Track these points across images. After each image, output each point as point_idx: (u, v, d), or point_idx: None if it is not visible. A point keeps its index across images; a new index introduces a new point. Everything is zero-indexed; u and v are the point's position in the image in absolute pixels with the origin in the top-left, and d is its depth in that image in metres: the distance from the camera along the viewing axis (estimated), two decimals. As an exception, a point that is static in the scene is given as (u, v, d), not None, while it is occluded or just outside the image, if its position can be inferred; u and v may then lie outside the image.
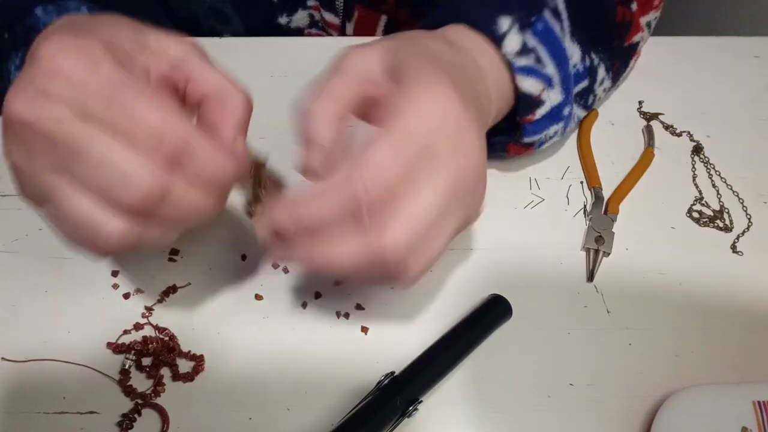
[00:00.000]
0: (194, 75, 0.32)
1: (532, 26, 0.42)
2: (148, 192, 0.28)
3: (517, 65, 0.42)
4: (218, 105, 0.32)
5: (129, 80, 0.28)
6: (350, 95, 0.35)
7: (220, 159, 0.30)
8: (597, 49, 0.48)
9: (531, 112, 0.44)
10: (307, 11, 0.61)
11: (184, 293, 0.44)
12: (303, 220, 0.31)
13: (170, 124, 0.28)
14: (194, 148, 0.29)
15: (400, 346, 0.42)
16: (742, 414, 0.37)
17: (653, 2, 0.52)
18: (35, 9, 0.38)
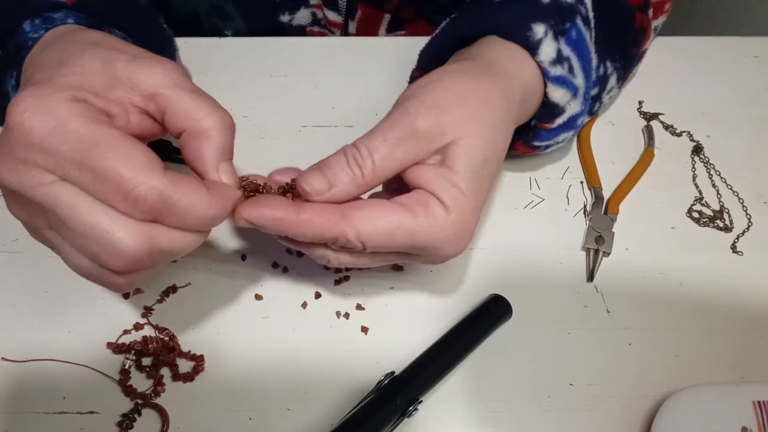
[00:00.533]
0: (167, 108, 0.32)
1: (567, 34, 0.41)
2: (134, 257, 0.29)
3: (551, 74, 0.40)
4: (194, 138, 0.32)
5: (97, 137, 0.28)
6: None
7: (199, 206, 0.30)
8: (614, 57, 0.47)
9: (551, 120, 0.43)
10: (310, 9, 0.61)
11: (184, 293, 0.44)
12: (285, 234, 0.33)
13: (142, 181, 0.28)
14: (171, 201, 0.29)
15: (400, 346, 0.42)
16: (742, 414, 0.37)
17: (664, 7, 0.52)
18: (23, 24, 0.37)
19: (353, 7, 0.61)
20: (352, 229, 0.33)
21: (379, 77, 0.55)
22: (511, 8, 0.41)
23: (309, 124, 0.52)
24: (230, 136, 0.33)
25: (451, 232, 0.34)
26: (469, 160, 0.35)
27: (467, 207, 0.35)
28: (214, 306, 0.43)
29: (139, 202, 0.28)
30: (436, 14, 0.62)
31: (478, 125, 0.35)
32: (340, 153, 0.34)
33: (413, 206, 0.34)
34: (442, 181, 0.34)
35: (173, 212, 0.29)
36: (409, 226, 0.33)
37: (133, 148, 0.28)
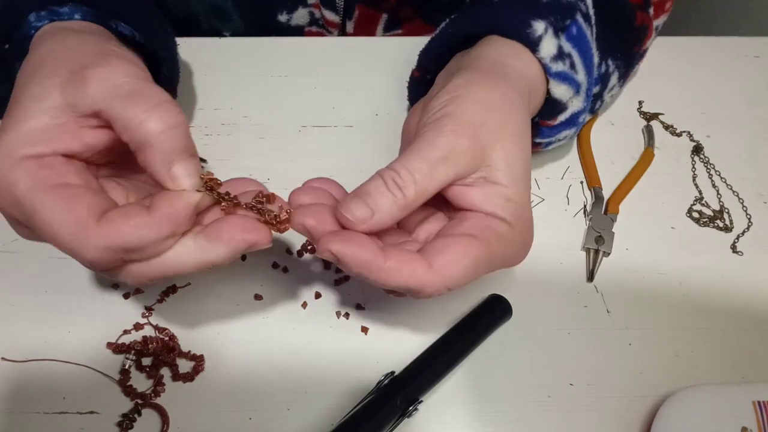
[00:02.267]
0: (110, 122, 0.31)
1: (567, 30, 0.41)
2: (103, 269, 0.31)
3: (553, 71, 0.40)
4: (139, 150, 0.31)
5: (35, 205, 0.29)
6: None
7: (149, 233, 0.29)
8: (615, 55, 0.47)
9: (553, 117, 0.43)
10: (308, 9, 0.61)
11: (184, 293, 0.44)
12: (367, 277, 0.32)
13: (82, 246, 0.29)
14: (119, 245, 0.29)
15: (400, 346, 0.42)
16: (742, 414, 0.37)
17: (665, 6, 0.52)
18: (29, 15, 0.37)
19: (351, 7, 0.61)
20: (440, 279, 0.32)
21: (379, 77, 0.55)
22: (511, 7, 0.41)
23: (309, 124, 0.52)
24: (178, 135, 0.31)
25: (520, 244, 0.35)
26: (513, 171, 0.35)
27: (525, 215, 0.35)
28: (214, 306, 0.43)
29: (91, 264, 0.30)
30: (433, 13, 0.62)
31: (510, 134, 0.35)
32: (377, 178, 0.33)
33: (482, 233, 0.33)
34: (497, 199, 0.34)
35: (130, 253, 0.30)
36: (487, 257, 0.33)
37: (65, 211, 0.29)
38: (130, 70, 0.32)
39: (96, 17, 0.39)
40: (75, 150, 0.32)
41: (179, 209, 0.30)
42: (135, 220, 0.30)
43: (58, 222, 0.29)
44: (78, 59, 0.32)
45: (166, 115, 0.31)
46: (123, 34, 0.41)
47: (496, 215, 0.34)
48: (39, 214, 0.29)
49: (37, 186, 0.30)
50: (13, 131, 0.31)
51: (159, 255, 0.31)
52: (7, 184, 0.30)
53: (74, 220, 0.29)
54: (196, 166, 0.31)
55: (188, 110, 0.52)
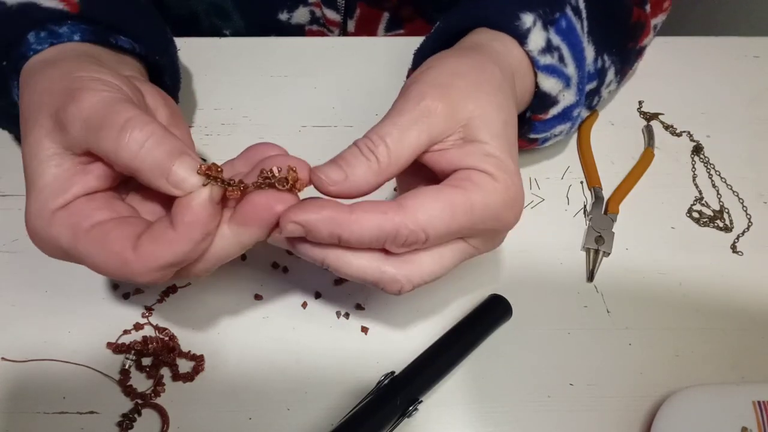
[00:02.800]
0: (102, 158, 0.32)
1: (556, 23, 0.41)
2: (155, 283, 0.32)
3: (541, 63, 0.40)
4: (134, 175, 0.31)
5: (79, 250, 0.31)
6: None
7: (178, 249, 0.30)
8: (611, 51, 0.47)
9: (544, 111, 0.43)
10: (308, 8, 0.61)
11: (184, 293, 0.44)
12: (340, 236, 0.31)
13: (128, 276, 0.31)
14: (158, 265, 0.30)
15: (400, 346, 0.42)
16: (742, 414, 0.37)
17: (663, 5, 0.52)
18: (28, 34, 0.37)
19: (352, 6, 0.61)
20: (412, 218, 0.31)
21: (379, 77, 0.55)
22: (500, 0, 0.41)
23: (309, 124, 0.52)
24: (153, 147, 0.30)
25: (506, 195, 0.33)
26: (491, 128, 0.34)
27: (509, 169, 0.34)
28: (214, 306, 0.43)
29: (149, 283, 0.32)
30: (435, 13, 0.62)
31: (484, 94, 0.35)
32: (352, 145, 0.33)
33: (460, 183, 0.33)
34: (475, 154, 0.33)
35: (176, 265, 0.31)
36: (465, 201, 0.32)
37: (102, 252, 0.31)
38: (94, 99, 0.31)
39: (95, 35, 0.38)
40: (92, 186, 0.32)
41: (196, 213, 0.30)
42: (163, 239, 0.30)
43: (102, 263, 0.31)
44: (53, 103, 0.32)
45: (134, 135, 0.30)
46: (124, 48, 0.40)
47: (476, 167, 0.33)
48: (85, 260, 0.31)
49: (75, 235, 0.31)
50: (33, 193, 0.32)
51: (205, 250, 0.31)
52: (52, 240, 0.32)
53: (113, 257, 0.30)
54: (190, 163, 0.30)
55: (188, 110, 0.52)
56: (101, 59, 0.37)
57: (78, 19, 0.38)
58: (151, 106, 0.37)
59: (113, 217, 0.32)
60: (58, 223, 0.31)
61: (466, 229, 0.33)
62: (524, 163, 0.51)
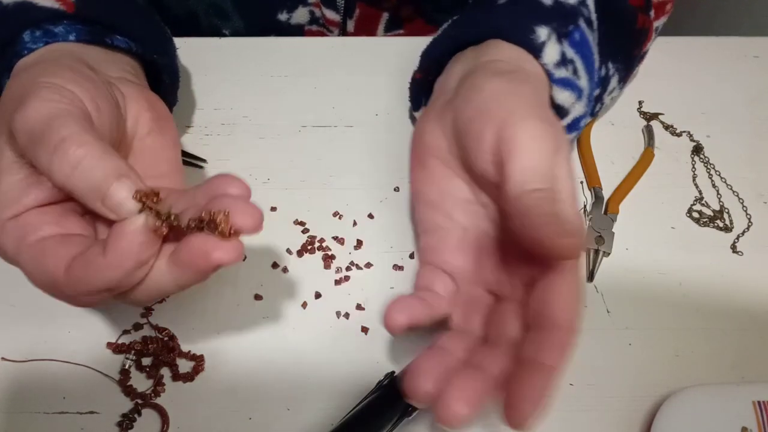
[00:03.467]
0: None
1: (570, 36, 0.41)
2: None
3: (556, 77, 0.40)
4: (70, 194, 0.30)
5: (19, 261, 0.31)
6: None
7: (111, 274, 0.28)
8: (616, 58, 0.47)
9: None
10: (308, 8, 0.61)
11: (184, 293, 0.43)
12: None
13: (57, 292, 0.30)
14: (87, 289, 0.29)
15: (400, 346, 0.42)
16: (742, 414, 0.37)
17: (665, 7, 0.51)
18: (23, 34, 0.37)
19: (351, 6, 0.61)
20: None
21: (379, 77, 0.55)
22: (514, 11, 0.41)
23: (309, 124, 0.52)
24: (86, 171, 0.28)
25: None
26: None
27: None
28: (214, 306, 0.43)
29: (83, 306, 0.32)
30: (435, 13, 0.62)
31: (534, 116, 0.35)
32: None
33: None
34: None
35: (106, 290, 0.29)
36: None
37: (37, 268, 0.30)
38: (39, 109, 0.29)
39: (90, 35, 0.38)
40: (44, 198, 0.31)
41: (129, 241, 0.28)
42: (94, 265, 0.28)
43: (36, 278, 0.31)
44: (9, 108, 0.31)
45: (68, 155, 0.28)
46: (120, 47, 0.40)
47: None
48: (24, 272, 0.31)
49: (17, 247, 0.31)
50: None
51: (141, 281, 0.30)
52: (1, 247, 0.31)
53: (46, 276, 0.30)
54: (127, 187, 0.28)
55: (188, 110, 0.52)
56: (90, 60, 0.36)
57: (74, 19, 0.38)
58: (132, 111, 0.36)
59: (58, 233, 0.31)
60: (5, 233, 0.31)
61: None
62: (524, 163, 0.51)
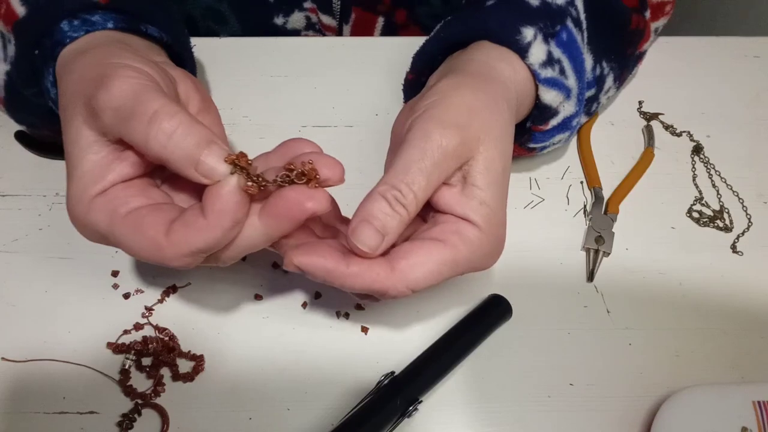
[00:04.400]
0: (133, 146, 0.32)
1: (557, 36, 0.41)
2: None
3: (542, 77, 0.40)
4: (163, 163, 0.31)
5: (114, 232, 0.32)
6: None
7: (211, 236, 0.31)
8: (609, 57, 0.47)
9: (544, 122, 0.43)
10: (304, 13, 0.61)
11: (184, 293, 0.44)
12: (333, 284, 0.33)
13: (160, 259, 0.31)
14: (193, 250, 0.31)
15: (400, 346, 0.42)
16: (742, 414, 0.37)
17: (665, 9, 0.52)
18: (61, 23, 0.38)
19: (347, 11, 0.61)
20: (402, 282, 0.33)
21: (378, 77, 0.55)
22: (501, 12, 0.41)
23: (309, 124, 0.52)
24: (180, 138, 0.31)
25: (489, 248, 0.35)
26: (491, 175, 0.35)
27: (497, 220, 0.35)
28: (214, 306, 0.43)
29: (182, 268, 0.32)
30: (428, 19, 0.62)
31: (492, 138, 0.36)
32: (379, 198, 0.33)
33: (449, 238, 0.34)
34: (470, 201, 0.35)
35: (207, 251, 0.31)
36: (451, 259, 0.34)
37: (137, 236, 0.31)
38: (124, 87, 0.31)
39: (126, 23, 0.39)
40: (127, 173, 0.33)
41: (225, 201, 0.30)
42: (194, 227, 0.31)
43: (137, 248, 0.32)
44: (86, 91, 0.33)
45: (163, 125, 0.31)
46: (152, 36, 0.41)
47: (467, 217, 0.34)
48: (122, 245, 0.32)
49: (112, 221, 0.32)
50: (73, 180, 0.33)
51: (233, 240, 0.32)
52: (91, 225, 0.33)
53: (148, 242, 0.31)
54: (218, 152, 0.31)
55: (188, 110, 0.52)
56: (133, 46, 0.38)
57: (107, 10, 0.39)
58: (182, 92, 0.38)
59: (148, 204, 0.33)
60: (96, 209, 0.32)
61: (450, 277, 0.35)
62: (524, 162, 0.51)
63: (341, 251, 0.33)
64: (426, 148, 0.34)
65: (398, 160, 0.34)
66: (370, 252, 0.33)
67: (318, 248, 0.33)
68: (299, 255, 0.33)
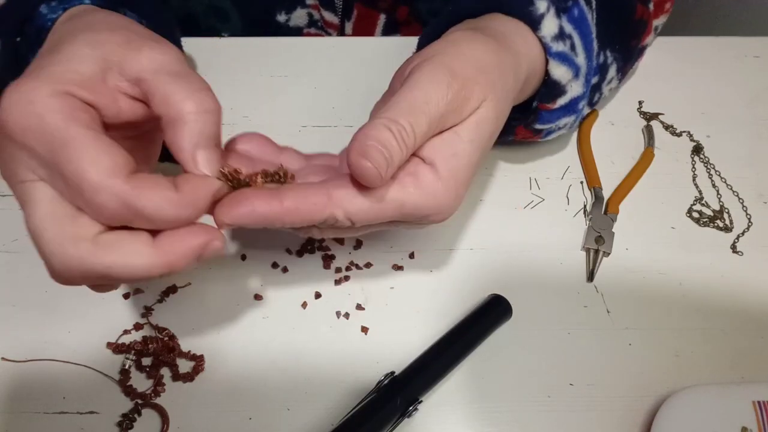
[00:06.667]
0: (149, 93, 0.31)
1: (569, 11, 0.41)
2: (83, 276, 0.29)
3: (553, 50, 0.40)
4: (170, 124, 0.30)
5: (67, 137, 0.28)
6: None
7: (168, 210, 0.28)
8: (614, 47, 0.47)
9: (552, 100, 0.43)
10: (306, 10, 0.61)
11: (184, 293, 0.44)
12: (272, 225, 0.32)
13: (103, 188, 0.27)
14: (135, 207, 0.28)
15: (400, 346, 0.42)
16: (742, 414, 0.37)
17: (665, 6, 0.52)
18: (40, 8, 0.38)
19: (349, 7, 0.61)
20: (341, 210, 0.32)
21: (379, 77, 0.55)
22: None
23: (309, 124, 0.52)
24: (211, 121, 0.31)
25: (443, 202, 0.34)
26: (478, 132, 0.34)
27: (463, 176, 0.34)
28: (214, 306, 0.43)
29: (101, 209, 0.28)
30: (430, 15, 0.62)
31: (494, 99, 0.35)
32: (385, 129, 0.31)
33: (401, 176, 0.33)
34: (445, 149, 0.34)
35: (140, 219, 0.28)
36: (397, 198, 0.33)
37: (100, 152, 0.28)
38: (179, 56, 0.32)
39: (105, 3, 0.39)
40: (109, 113, 0.31)
41: (201, 195, 0.29)
42: (164, 192, 0.28)
43: (90, 158, 0.27)
44: (134, 31, 0.32)
45: (205, 100, 0.30)
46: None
47: (433, 164, 0.33)
48: (72, 145, 0.27)
49: (77, 122, 0.28)
50: (60, 65, 0.29)
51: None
52: (43, 108, 0.28)
53: (109, 163, 0.28)
54: (218, 156, 0.31)
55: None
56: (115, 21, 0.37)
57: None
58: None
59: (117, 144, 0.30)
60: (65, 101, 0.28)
61: (393, 219, 0.34)
62: (524, 162, 0.51)
63: (273, 193, 0.32)
64: (432, 95, 0.33)
65: (401, 98, 0.33)
66: (377, 180, 0.31)
67: (242, 197, 0.31)
68: (227, 211, 0.31)
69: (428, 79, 0.33)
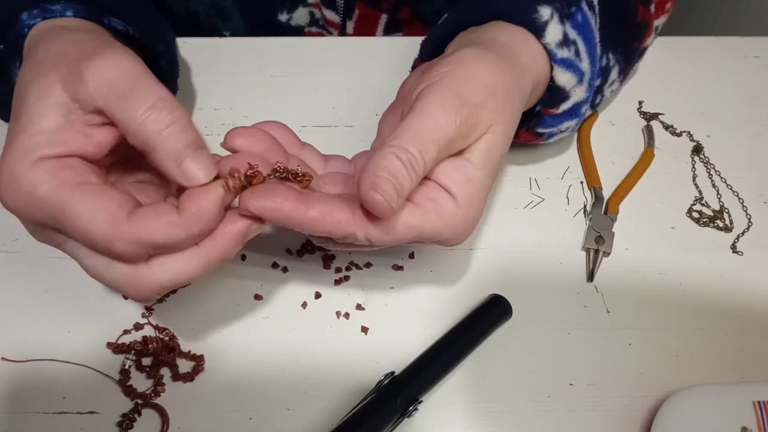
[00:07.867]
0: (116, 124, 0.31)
1: (573, 17, 0.41)
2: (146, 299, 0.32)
3: (558, 57, 0.40)
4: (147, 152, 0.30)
5: (61, 204, 0.29)
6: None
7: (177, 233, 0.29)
8: (616, 50, 0.47)
9: (556, 106, 0.43)
10: (308, 9, 0.61)
11: (184, 293, 0.44)
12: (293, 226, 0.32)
13: (112, 240, 0.29)
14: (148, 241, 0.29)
15: (400, 346, 0.42)
16: (742, 414, 0.37)
17: (665, 6, 0.52)
18: (21, 14, 0.37)
19: (351, 7, 0.61)
20: (362, 231, 0.32)
21: (379, 77, 0.55)
22: None
23: (309, 124, 0.52)
24: (179, 131, 0.30)
25: (459, 227, 0.35)
26: (489, 157, 0.35)
27: (478, 202, 0.35)
28: (214, 306, 0.43)
29: (123, 256, 0.30)
30: (432, 15, 0.62)
31: (502, 122, 0.35)
32: (394, 158, 0.31)
33: (422, 203, 0.34)
34: (458, 175, 0.34)
35: (159, 248, 0.30)
36: (418, 224, 0.33)
37: (94, 206, 0.29)
38: (125, 64, 0.31)
39: (88, 13, 0.38)
40: (89, 151, 0.31)
41: (205, 208, 0.30)
42: (166, 218, 0.29)
43: (88, 217, 0.29)
44: (75, 54, 0.31)
45: (162, 114, 0.30)
46: (117, 29, 0.40)
47: (449, 189, 0.34)
48: (68, 211, 0.29)
49: (62, 184, 0.29)
50: (25, 133, 0.30)
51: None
52: (28, 185, 0.29)
53: (106, 215, 0.29)
54: (206, 158, 0.31)
55: (188, 110, 0.52)
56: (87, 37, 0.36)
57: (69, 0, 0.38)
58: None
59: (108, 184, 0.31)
60: (44, 170, 0.29)
61: (411, 242, 0.35)
62: (524, 162, 0.51)
63: (302, 197, 0.32)
64: (440, 122, 0.33)
65: (410, 125, 0.33)
66: (387, 212, 0.31)
67: (275, 190, 0.31)
68: (255, 198, 0.31)
69: (437, 105, 0.33)
